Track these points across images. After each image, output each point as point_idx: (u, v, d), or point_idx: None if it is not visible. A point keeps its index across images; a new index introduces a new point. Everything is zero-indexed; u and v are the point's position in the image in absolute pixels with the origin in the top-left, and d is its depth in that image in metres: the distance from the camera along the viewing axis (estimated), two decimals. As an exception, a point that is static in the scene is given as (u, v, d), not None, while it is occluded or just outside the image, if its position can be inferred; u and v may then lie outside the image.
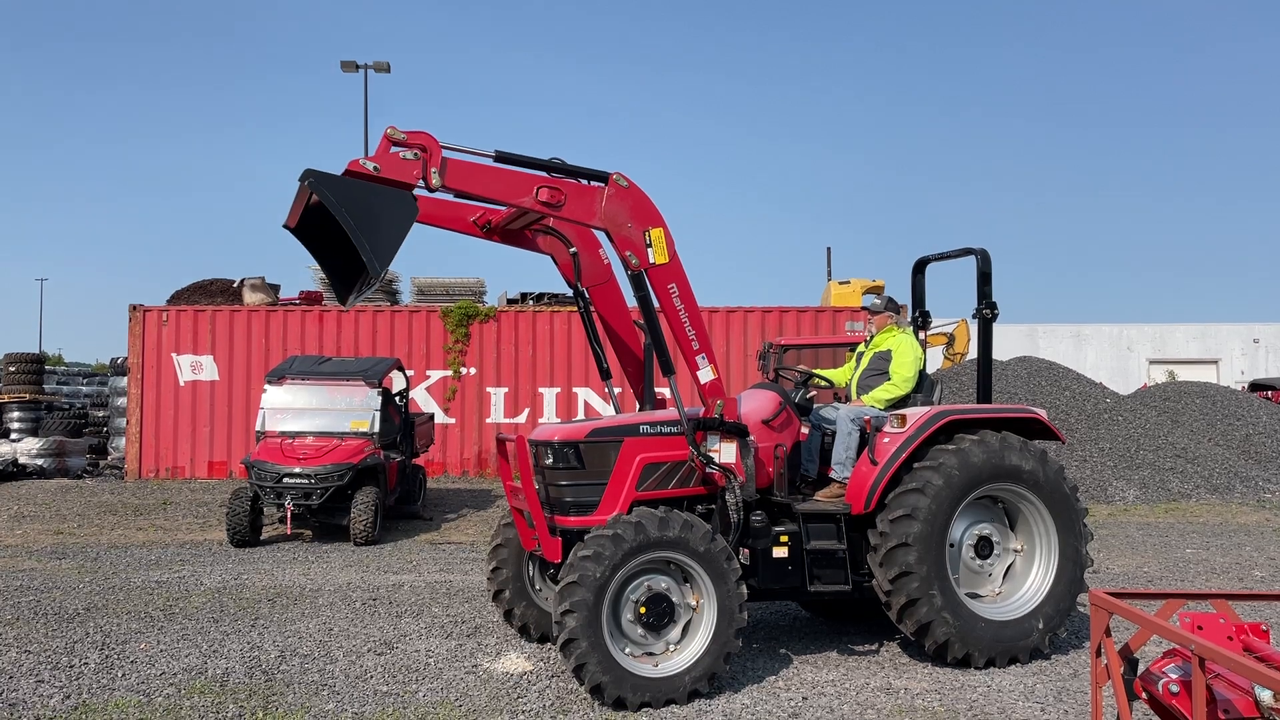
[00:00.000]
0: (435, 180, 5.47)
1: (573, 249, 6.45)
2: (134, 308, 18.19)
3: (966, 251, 7.15)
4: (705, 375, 6.10)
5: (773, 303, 18.41)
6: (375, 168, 5.36)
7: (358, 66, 26.93)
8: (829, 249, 48.14)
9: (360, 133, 27.39)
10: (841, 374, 7.40)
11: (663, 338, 6.09)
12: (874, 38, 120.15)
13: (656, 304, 6.00)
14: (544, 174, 5.76)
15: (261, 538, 11.49)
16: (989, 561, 6.62)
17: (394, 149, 5.44)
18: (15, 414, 21.30)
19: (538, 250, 6.63)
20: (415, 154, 5.44)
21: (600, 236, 6.37)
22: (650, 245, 5.88)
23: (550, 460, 6.10)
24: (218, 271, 22.20)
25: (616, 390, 7.08)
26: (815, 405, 7.08)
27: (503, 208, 6.09)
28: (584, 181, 5.83)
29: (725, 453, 6.12)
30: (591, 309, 6.75)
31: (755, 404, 6.67)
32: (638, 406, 6.98)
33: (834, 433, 6.73)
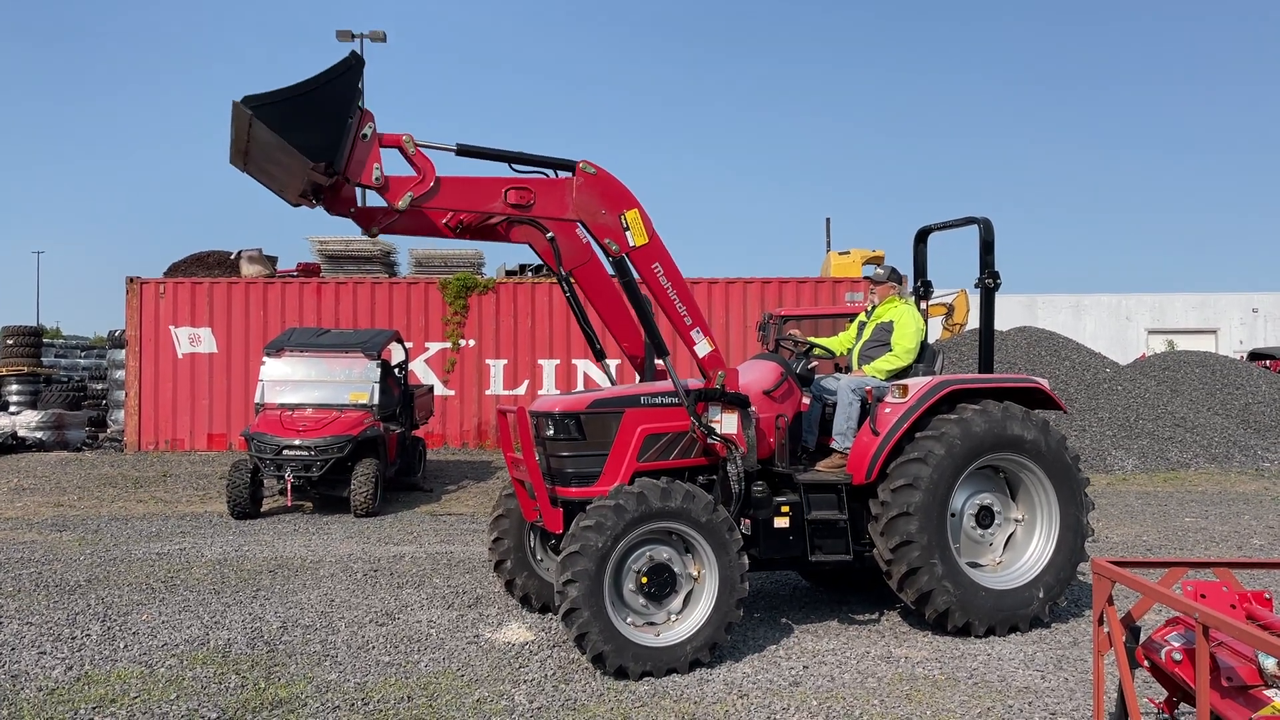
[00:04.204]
0: (404, 203, 5.40)
1: (549, 234, 6.29)
2: (131, 280, 18.10)
3: (969, 221, 7.10)
4: (702, 349, 6.07)
5: (772, 274, 18.36)
6: (365, 135, 5.26)
7: (353, 36, 26.68)
8: (828, 219, 47.82)
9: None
10: (839, 342, 7.37)
11: (653, 320, 6.07)
12: (873, 6, 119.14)
13: (644, 284, 5.95)
14: (509, 172, 5.68)
15: (262, 510, 11.50)
16: (990, 531, 6.62)
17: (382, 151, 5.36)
18: (14, 387, 21.27)
19: (514, 241, 6.51)
20: (380, 176, 5.33)
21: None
22: (628, 229, 5.81)
23: (551, 431, 6.08)
24: (214, 243, 22.13)
25: (614, 363, 7.00)
26: (816, 376, 7.06)
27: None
28: (550, 173, 5.75)
29: (726, 423, 6.11)
30: (579, 291, 6.59)
31: (756, 375, 6.65)
32: (637, 379, 6.96)
33: (835, 403, 6.72)
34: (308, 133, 5.05)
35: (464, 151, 5.62)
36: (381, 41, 26.88)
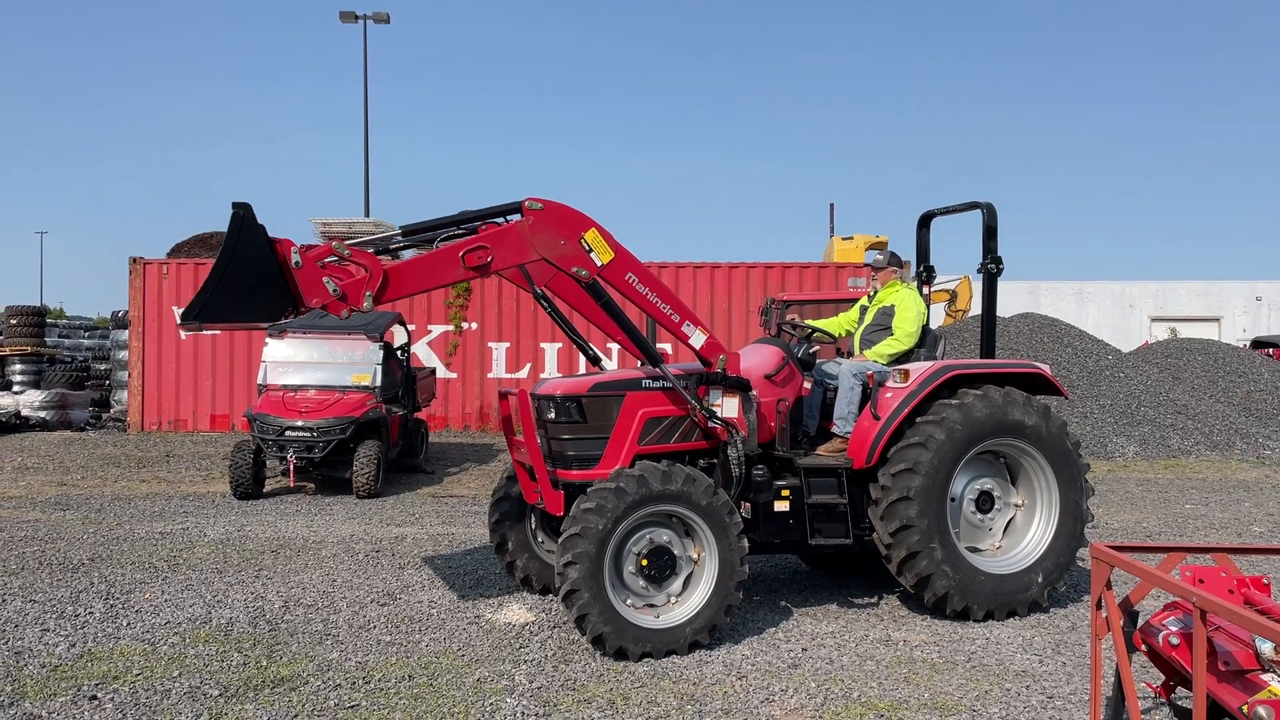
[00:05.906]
0: (367, 304, 5.41)
1: None
2: (134, 260, 18.09)
3: (972, 205, 7.08)
4: (697, 340, 6.07)
5: (775, 258, 18.33)
6: (297, 263, 5.24)
7: (356, 17, 26.61)
8: (832, 205, 47.60)
9: (359, 85, 27.07)
10: (837, 323, 7.36)
11: (639, 333, 6.08)
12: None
13: (621, 295, 5.94)
14: (458, 232, 5.67)
15: (264, 490, 11.54)
16: (990, 516, 6.64)
17: (329, 260, 5.34)
18: (17, 367, 21.33)
19: (484, 277, 6.42)
20: (335, 289, 5.33)
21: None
22: (591, 250, 5.79)
23: (553, 414, 6.09)
24: (218, 224, 22.06)
25: (614, 347, 6.99)
26: (818, 360, 7.07)
27: None
28: (501, 221, 5.74)
29: (727, 407, 6.11)
30: (559, 303, 6.49)
31: (758, 359, 6.65)
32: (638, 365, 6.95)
33: (836, 388, 6.72)
34: (251, 304, 5.19)
35: (408, 231, 5.66)
36: (385, 23, 26.81)
